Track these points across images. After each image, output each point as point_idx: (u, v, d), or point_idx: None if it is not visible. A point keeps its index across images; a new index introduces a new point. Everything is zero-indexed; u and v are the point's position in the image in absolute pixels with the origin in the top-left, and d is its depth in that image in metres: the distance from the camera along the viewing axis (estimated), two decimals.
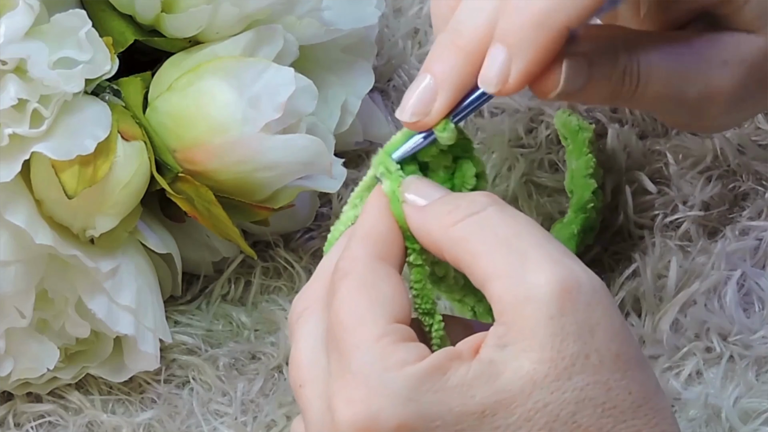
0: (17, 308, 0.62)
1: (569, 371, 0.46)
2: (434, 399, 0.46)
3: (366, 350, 0.47)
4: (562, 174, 0.70)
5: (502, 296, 0.47)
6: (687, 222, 0.67)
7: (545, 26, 0.50)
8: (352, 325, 0.48)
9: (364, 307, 0.48)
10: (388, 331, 0.47)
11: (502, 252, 0.47)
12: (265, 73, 0.63)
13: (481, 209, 0.49)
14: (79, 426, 0.65)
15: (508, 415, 0.45)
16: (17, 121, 0.59)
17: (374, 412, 0.46)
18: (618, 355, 0.46)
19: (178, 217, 0.67)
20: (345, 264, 0.50)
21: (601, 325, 0.46)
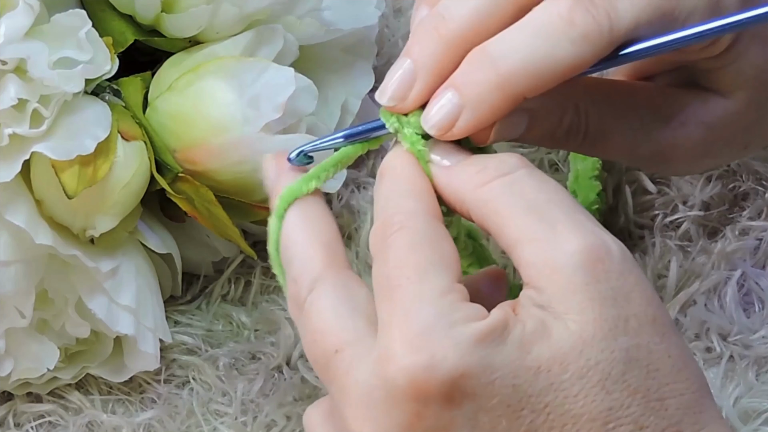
0: (17, 308, 0.62)
1: (614, 332, 0.46)
2: (495, 352, 0.46)
3: (431, 303, 0.46)
4: (562, 174, 0.70)
5: (534, 261, 0.47)
6: (687, 222, 0.67)
7: (505, 91, 0.50)
8: (416, 277, 0.47)
9: (428, 261, 0.48)
10: (454, 288, 0.47)
11: (532, 217, 0.48)
12: (265, 73, 0.63)
13: (511, 171, 0.49)
14: (79, 426, 0.65)
15: (562, 371, 0.46)
16: (17, 121, 0.59)
17: (438, 360, 0.45)
18: (655, 319, 0.47)
19: (178, 217, 0.67)
20: (398, 218, 0.49)
21: (636, 291, 0.47)
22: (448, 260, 0.48)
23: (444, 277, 0.47)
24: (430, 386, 0.45)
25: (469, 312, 0.47)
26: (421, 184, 0.51)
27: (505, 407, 0.46)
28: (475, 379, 0.45)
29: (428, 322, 0.46)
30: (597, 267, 0.47)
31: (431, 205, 0.50)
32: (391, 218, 0.49)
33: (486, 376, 0.45)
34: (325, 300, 0.49)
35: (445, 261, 0.48)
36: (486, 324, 0.46)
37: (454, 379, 0.45)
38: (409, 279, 0.47)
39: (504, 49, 0.50)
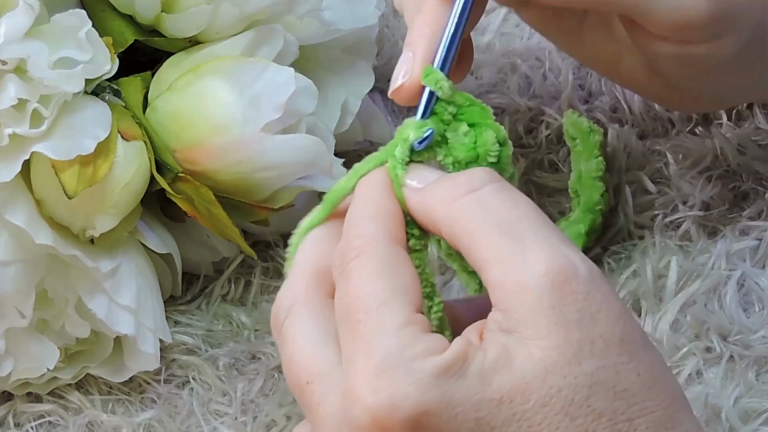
0: (17, 308, 0.62)
1: (578, 357, 0.46)
2: (456, 386, 0.46)
3: (391, 336, 0.46)
4: (562, 174, 0.70)
5: (501, 282, 0.47)
6: (687, 222, 0.67)
7: None
8: (375, 308, 0.47)
9: (387, 291, 0.47)
10: (413, 319, 0.47)
11: (500, 236, 0.47)
12: (265, 73, 0.63)
13: (480, 186, 0.49)
14: (79, 426, 0.65)
15: (525, 401, 0.45)
16: (17, 121, 0.59)
17: (399, 399, 0.45)
18: (622, 339, 0.46)
19: (178, 217, 0.67)
20: (358, 243, 0.49)
21: (602, 311, 0.46)
22: (407, 288, 0.48)
23: (403, 308, 0.47)
24: (392, 425, 0.46)
25: (428, 345, 0.46)
26: (387, 207, 0.51)
27: None
28: (437, 416, 0.45)
29: (388, 358, 0.46)
30: (563, 289, 0.46)
31: (394, 229, 0.50)
32: (351, 242, 0.49)
33: (448, 412, 0.45)
34: (298, 327, 0.50)
35: (405, 289, 0.48)
36: (445, 357, 0.46)
37: (416, 417, 0.45)
38: (367, 313, 0.47)
39: None
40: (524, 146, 0.72)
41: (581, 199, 0.66)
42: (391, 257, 0.49)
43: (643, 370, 0.46)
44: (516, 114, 0.73)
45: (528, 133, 0.72)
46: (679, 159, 0.69)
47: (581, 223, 0.65)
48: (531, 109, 0.73)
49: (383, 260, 0.48)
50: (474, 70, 0.76)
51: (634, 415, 0.46)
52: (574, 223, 0.65)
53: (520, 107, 0.73)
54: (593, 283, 0.47)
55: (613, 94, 0.73)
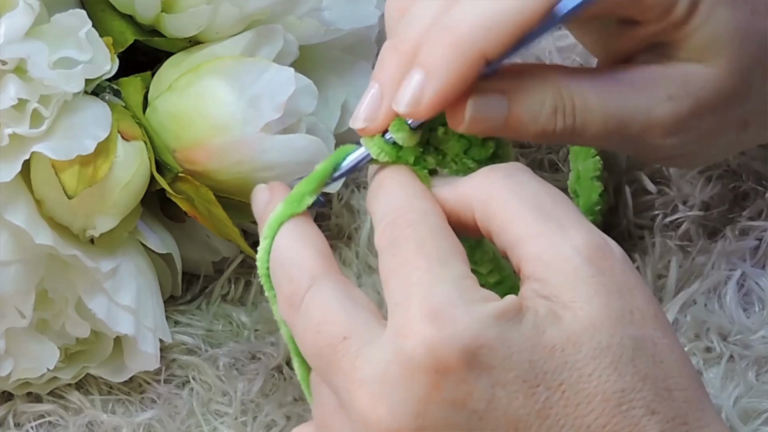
0: (17, 308, 0.62)
1: (621, 321, 0.47)
2: (513, 329, 0.46)
3: (452, 283, 0.47)
4: (562, 174, 0.70)
5: (540, 254, 0.48)
6: (687, 222, 0.67)
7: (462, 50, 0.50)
8: (437, 261, 0.48)
9: (444, 249, 0.49)
10: (470, 274, 0.48)
11: (538, 214, 0.49)
12: (265, 73, 0.63)
13: (517, 173, 0.50)
14: (79, 426, 0.65)
15: (576, 351, 0.46)
16: (17, 121, 0.59)
17: (458, 330, 0.46)
18: (657, 316, 0.48)
19: (178, 217, 0.67)
20: (413, 215, 0.50)
21: (638, 287, 0.48)
22: (463, 254, 0.49)
23: (462, 265, 0.48)
24: (449, 357, 0.46)
25: (486, 294, 0.47)
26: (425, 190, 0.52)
27: (521, 382, 0.46)
28: (494, 352, 0.46)
29: (448, 298, 0.47)
30: (602, 262, 0.48)
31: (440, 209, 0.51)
32: (405, 215, 0.50)
33: (504, 350, 0.46)
34: (328, 291, 0.50)
35: (461, 254, 0.49)
36: (504, 304, 0.47)
37: (473, 350, 0.46)
38: (429, 262, 0.48)
39: (457, 14, 0.51)
40: (524, 146, 0.72)
41: (580, 200, 0.66)
42: (444, 228, 0.50)
43: (676, 348, 0.48)
44: None
45: None
46: None
47: None
48: None
49: (440, 228, 0.50)
50: None
51: (672, 385, 0.47)
52: None
53: None
54: (626, 261, 0.48)
55: None
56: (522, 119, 0.53)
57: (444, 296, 0.47)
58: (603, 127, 0.55)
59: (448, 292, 0.47)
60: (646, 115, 0.55)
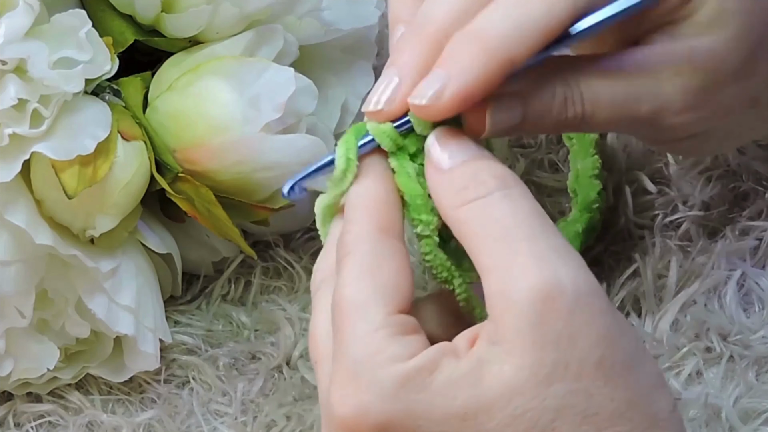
0: (17, 308, 0.62)
1: (549, 379, 0.45)
2: (420, 398, 0.46)
3: (362, 342, 0.47)
4: (562, 174, 0.70)
5: (492, 293, 0.47)
6: (687, 222, 0.67)
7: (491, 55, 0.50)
8: (352, 312, 0.48)
9: (365, 294, 0.48)
10: (387, 323, 0.47)
11: (497, 245, 0.47)
12: (265, 73, 0.63)
13: (487, 193, 0.49)
14: (79, 426, 0.65)
15: (489, 419, 0.45)
16: (17, 121, 0.59)
17: (364, 408, 0.46)
18: (600, 362, 0.46)
19: (178, 217, 0.67)
20: (349, 239, 0.50)
21: (583, 332, 0.46)
22: (387, 288, 0.48)
23: (379, 310, 0.48)
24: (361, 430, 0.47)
25: (396, 351, 0.47)
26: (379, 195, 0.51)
27: None
28: (402, 426, 0.46)
29: (356, 364, 0.47)
30: (545, 306, 0.46)
31: (385, 219, 0.50)
32: (343, 238, 0.50)
33: (410, 423, 0.46)
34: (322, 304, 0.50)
35: (384, 290, 0.48)
36: (410, 367, 0.46)
37: (381, 426, 0.46)
38: (344, 317, 0.48)
39: (483, 21, 0.51)
40: (524, 146, 0.72)
41: (578, 198, 0.66)
42: (375, 255, 0.49)
43: (619, 394, 0.46)
44: None
45: None
46: (679, 159, 0.69)
47: (578, 222, 0.65)
48: None
49: (365, 260, 0.49)
50: None
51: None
52: (571, 223, 0.65)
53: None
54: (579, 302, 0.46)
55: None
56: (536, 116, 0.53)
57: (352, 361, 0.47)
58: (612, 111, 0.55)
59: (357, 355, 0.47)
60: (654, 95, 0.55)
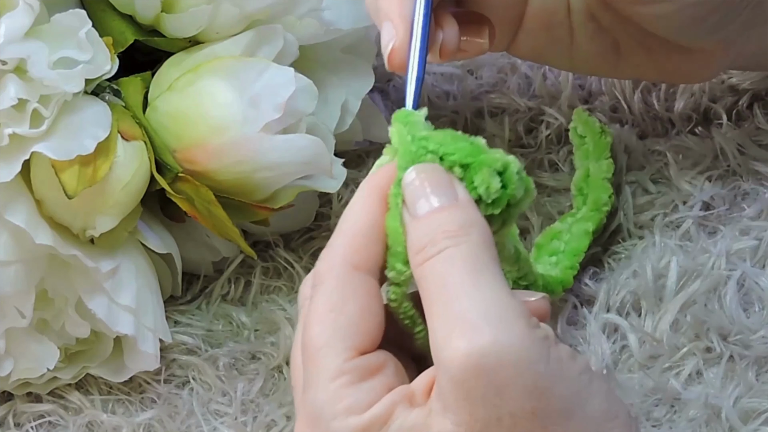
0: (17, 308, 0.62)
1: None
2: None
3: (321, 389, 0.48)
4: (562, 174, 0.70)
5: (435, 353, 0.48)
6: (687, 222, 0.67)
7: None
8: (315, 354, 0.49)
9: (326, 334, 0.49)
10: (345, 369, 0.48)
11: (434, 307, 0.48)
12: (265, 73, 0.63)
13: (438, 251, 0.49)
14: (79, 426, 0.65)
15: None
16: (17, 121, 0.59)
17: None
18: (533, 414, 0.47)
19: (178, 217, 0.67)
20: (322, 268, 0.50)
21: (509, 387, 0.46)
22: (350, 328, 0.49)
23: (339, 354, 0.49)
24: None
25: (352, 402, 0.48)
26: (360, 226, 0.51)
27: None
28: None
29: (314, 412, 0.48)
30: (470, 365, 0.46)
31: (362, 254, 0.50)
32: (319, 264, 0.51)
33: None
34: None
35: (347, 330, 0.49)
36: (366, 419, 0.47)
37: None
38: (309, 357, 0.49)
39: None
40: (524, 146, 0.72)
41: (589, 198, 0.66)
42: (341, 290, 0.50)
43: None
44: (516, 114, 0.73)
45: (528, 133, 0.72)
46: (679, 159, 0.69)
47: (589, 221, 0.65)
48: (531, 109, 0.73)
49: (332, 296, 0.49)
50: (474, 70, 0.76)
51: None
52: (582, 221, 0.65)
53: (520, 107, 0.73)
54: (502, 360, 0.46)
55: (613, 94, 0.73)
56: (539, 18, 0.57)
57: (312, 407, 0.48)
58: None
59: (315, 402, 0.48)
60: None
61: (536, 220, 0.68)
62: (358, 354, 0.49)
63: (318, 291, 0.50)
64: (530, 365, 0.47)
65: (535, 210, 0.69)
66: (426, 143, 0.51)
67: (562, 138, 0.71)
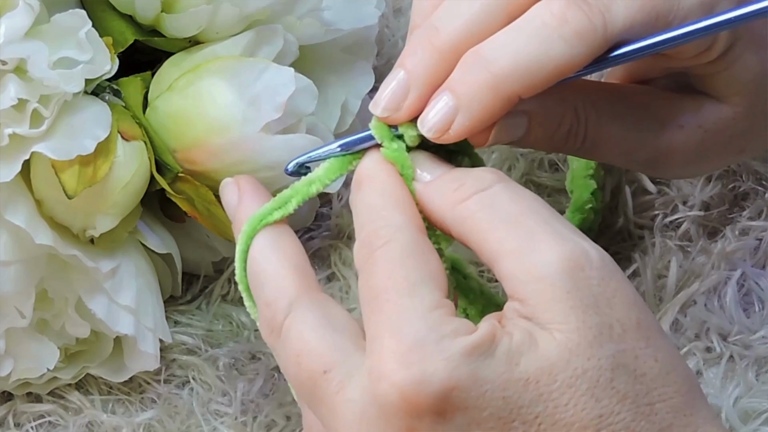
0: (17, 308, 0.62)
1: (598, 340, 0.46)
2: (484, 366, 0.46)
3: (421, 317, 0.47)
4: (562, 174, 0.70)
5: (514, 273, 0.47)
6: (687, 222, 0.67)
7: (498, 91, 0.50)
8: (406, 291, 0.47)
9: (416, 275, 0.48)
10: (443, 303, 0.48)
11: (510, 230, 0.48)
12: (265, 73, 0.63)
13: (488, 186, 0.49)
14: (79, 426, 0.65)
15: (551, 381, 0.46)
16: (17, 121, 0.59)
17: (429, 374, 0.46)
18: (639, 324, 0.47)
19: (178, 217, 0.67)
20: (385, 232, 0.49)
21: (617, 296, 0.47)
22: (436, 275, 0.48)
23: (433, 292, 0.48)
24: (421, 401, 0.46)
25: (457, 326, 0.47)
26: (405, 196, 0.51)
27: (496, 419, 0.46)
28: (466, 393, 0.46)
29: (418, 336, 0.46)
30: (577, 274, 0.47)
31: (417, 218, 0.50)
32: (378, 231, 0.49)
33: (476, 389, 0.46)
34: (305, 321, 0.49)
35: (434, 276, 0.48)
36: (474, 338, 0.46)
37: (445, 393, 0.46)
38: (398, 293, 0.47)
39: (496, 49, 0.50)
40: None
41: (572, 198, 0.66)
42: (418, 245, 0.49)
43: (661, 355, 0.47)
44: None
45: None
46: None
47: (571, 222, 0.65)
48: None
49: (412, 247, 0.49)
50: None
51: (654, 399, 0.46)
52: None
53: None
54: (606, 269, 0.47)
55: None
56: (538, 138, 0.54)
57: (413, 333, 0.46)
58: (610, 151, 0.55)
59: (417, 328, 0.46)
60: (655, 141, 0.55)
61: None
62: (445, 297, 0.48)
63: (387, 247, 0.49)
64: (625, 279, 0.48)
65: None
66: None
67: None
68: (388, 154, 0.52)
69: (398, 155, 0.51)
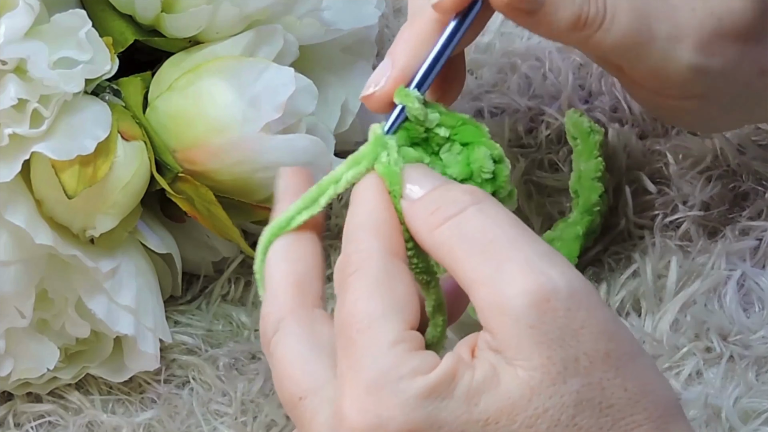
0: (17, 308, 0.62)
1: (563, 375, 0.45)
2: (442, 407, 0.46)
3: (381, 355, 0.47)
4: (562, 174, 0.70)
5: (483, 305, 0.47)
6: (687, 222, 0.67)
7: None
8: (367, 326, 0.47)
9: (380, 309, 0.47)
10: (404, 337, 0.47)
11: (479, 259, 0.47)
12: (265, 73, 0.63)
13: (460, 211, 0.49)
14: (79, 426, 0.65)
15: (510, 422, 0.45)
16: (17, 121, 0.59)
17: (385, 420, 0.46)
18: (607, 354, 0.46)
19: (178, 217, 0.67)
20: (356, 258, 0.49)
21: (586, 326, 0.46)
22: (401, 305, 0.48)
23: (395, 326, 0.47)
24: None
25: (418, 363, 0.46)
26: (385, 218, 0.50)
27: None
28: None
29: (376, 377, 0.46)
30: (541, 306, 0.46)
31: (392, 242, 0.50)
32: (350, 257, 0.49)
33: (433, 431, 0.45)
34: (288, 344, 0.50)
35: (400, 306, 0.48)
36: (433, 378, 0.46)
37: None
38: (359, 330, 0.47)
39: None
40: (524, 146, 0.72)
41: (580, 200, 0.66)
42: (387, 273, 0.49)
43: (630, 384, 0.46)
44: (516, 114, 0.73)
45: (528, 133, 0.72)
46: (679, 159, 0.69)
47: (578, 225, 0.65)
48: (531, 109, 0.73)
49: (378, 277, 0.48)
50: (474, 70, 0.76)
51: (621, 429, 0.46)
52: (572, 225, 0.65)
53: (520, 107, 0.73)
54: (574, 298, 0.46)
55: (613, 94, 0.73)
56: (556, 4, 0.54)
57: (371, 375, 0.46)
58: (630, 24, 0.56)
59: (376, 368, 0.46)
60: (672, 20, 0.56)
61: (536, 220, 0.68)
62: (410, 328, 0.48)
63: (357, 276, 0.48)
64: (598, 307, 0.47)
65: (535, 210, 0.69)
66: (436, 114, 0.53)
67: (562, 138, 0.71)
68: (379, 170, 0.52)
69: (388, 170, 0.51)
